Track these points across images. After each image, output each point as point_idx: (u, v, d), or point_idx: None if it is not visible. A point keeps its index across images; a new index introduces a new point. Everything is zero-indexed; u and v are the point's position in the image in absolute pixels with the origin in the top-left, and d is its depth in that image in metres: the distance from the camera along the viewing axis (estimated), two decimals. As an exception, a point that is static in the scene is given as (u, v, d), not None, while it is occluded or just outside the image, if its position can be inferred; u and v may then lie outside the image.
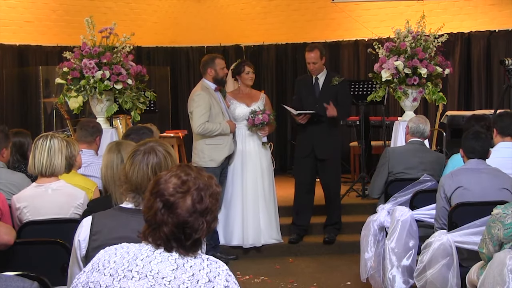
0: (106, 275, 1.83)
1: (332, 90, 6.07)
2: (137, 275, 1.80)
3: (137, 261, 1.82)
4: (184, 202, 1.83)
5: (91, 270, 1.87)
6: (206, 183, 1.89)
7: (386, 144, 7.40)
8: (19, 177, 3.99)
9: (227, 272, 1.85)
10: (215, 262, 1.86)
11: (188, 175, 1.87)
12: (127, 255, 1.85)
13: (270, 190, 6.11)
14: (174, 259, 1.82)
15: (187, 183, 1.85)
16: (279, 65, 10.26)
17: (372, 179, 5.35)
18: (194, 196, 1.84)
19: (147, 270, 1.80)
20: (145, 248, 1.86)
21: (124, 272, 1.81)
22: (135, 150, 2.49)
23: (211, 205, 1.87)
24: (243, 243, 5.99)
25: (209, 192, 1.87)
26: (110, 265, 1.84)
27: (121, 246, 1.91)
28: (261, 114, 5.93)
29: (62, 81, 6.04)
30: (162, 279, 1.78)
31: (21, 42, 9.38)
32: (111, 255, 1.87)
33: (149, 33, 9.96)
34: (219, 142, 5.75)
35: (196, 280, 1.79)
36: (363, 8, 9.65)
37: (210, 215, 1.87)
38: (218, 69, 5.78)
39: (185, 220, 1.82)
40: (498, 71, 8.77)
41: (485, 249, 3.26)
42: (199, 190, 1.85)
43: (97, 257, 1.91)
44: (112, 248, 1.91)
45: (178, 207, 1.82)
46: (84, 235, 2.42)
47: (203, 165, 5.61)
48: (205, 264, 1.84)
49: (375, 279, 4.67)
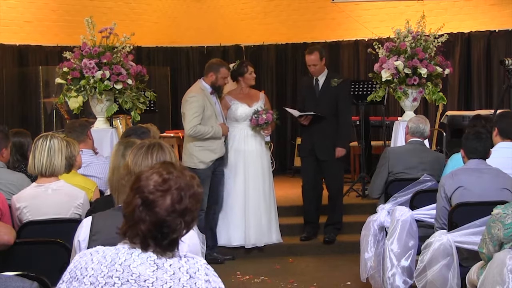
0: (86, 284, 1.79)
1: (332, 91, 6.08)
2: (118, 280, 1.77)
3: (116, 266, 1.79)
4: (163, 201, 1.80)
5: (70, 280, 1.84)
6: (188, 183, 1.85)
7: (386, 144, 7.41)
8: (19, 177, 3.99)
9: (205, 266, 1.84)
10: (192, 258, 1.85)
11: (170, 173, 1.84)
12: (104, 261, 1.81)
13: (270, 190, 6.12)
14: (153, 260, 1.80)
15: (168, 182, 1.82)
16: (279, 65, 10.26)
17: (372, 179, 5.35)
18: (174, 195, 1.81)
19: (128, 275, 1.77)
20: (122, 251, 1.82)
21: (105, 279, 1.78)
22: (140, 143, 2.49)
23: (191, 206, 1.84)
24: (245, 243, 5.99)
25: (189, 192, 1.84)
26: (89, 272, 1.80)
27: (96, 251, 1.86)
28: (265, 113, 5.92)
29: (62, 81, 6.03)
30: (145, 282, 1.76)
31: (21, 42, 9.38)
32: (88, 262, 1.83)
33: (149, 33, 9.96)
34: (209, 145, 5.73)
35: (178, 278, 1.78)
36: (363, 8, 9.65)
37: (189, 216, 1.84)
38: (219, 77, 5.77)
39: (163, 219, 1.79)
40: (498, 71, 8.76)
41: (485, 249, 3.25)
42: (179, 189, 1.82)
43: (73, 264, 1.87)
44: (87, 253, 1.87)
45: (157, 205, 1.80)
46: (84, 235, 2.41)
47: (192, 166, 5.58)
48: (183, 261, 1.82)
49: (375, 279, 4.67)
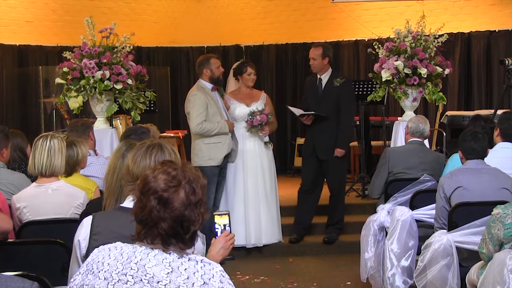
0: (100, 278, 1.81)
1: (334, 91, 6.07)
2: (131, 279, 1.78)
3: (131, 264, 1.80)
4: (178, 196, 1.83)
5: (86, 272, 1.86)
6: (195, 175, 1.89)
7: (386, 144, 7.40)
8: (19, 177, 3.99)
9: (221, 273, 1.85)
10: (209, 263, 1.85)
11: (175, 169, 1.87)
12: (121, 257, 1.83)
13: (272, 189, 6.12)
14: (169, 262, 1.81)
15: (177, 177, 1.85)
16: (279, 65, 10.26)
17: (372, 179, 5.35)
18: (186, 189, 1.84)
19: (142, 274, 1.78)
20: (139, 250, 1.84)
21: (119, 276, 1.80)
22: (141, 143, 2.50)
23: (203, 196, 1.88)
24: (246, 243, 5.99)
25: (199, 183, 1.88)
26: (104, 267, 1.83)
27: (114, 246, 1.88)
28: (259, 115, 5.93)
29: (62, 81, 6.03)
30: (158, 283, 1.77)
31: (21, 42, 9.38)
32: (105, 257, 1.86)
33: (149, 33, 9.96)
34: (218, 141, 5.75)
35: (192, 283, 1.78)
36: (363, 8, 9.65)
37: (203, 207, 1.87)
38: (213, 69, 5.80)
39: (182, 213, 1.82)
40: (498, 71, 8.76)
41: (485, 249, 3.25)
42: (190, 182, 1.86)
43: (91, 257, 1.89)
44: (106, 248, 1.89)
45: (173, 201, 1.82)
46: (84, 235, 2.41)
47: (202, 164, 5.61)
48: (199, 267, 1.82)
49: (375, 279, 4.67)
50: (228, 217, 2.57)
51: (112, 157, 2.84)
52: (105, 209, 2.61)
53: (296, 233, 6.24)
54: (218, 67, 5.84)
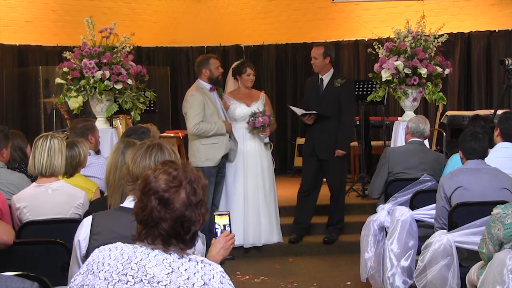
0: (100, 279, 1.81)
1: (335, 91, 6.07)
2: (132, 279, 1.79)
3: (132, 265, 1.80)
4: (178, 196, 1.83)
5: (86, 272, 1.86)
6: (196, 175, 1.89)
7: (386, 144, 7.41)
8: (19, 177, 3.99)
9: (221, 274, 1.85)
10: (209, 264, 1.85)
11: (176, 170, 1.87)
12: (121, 258, 1.83)
13: (271, 190, 6.12)
14: (169, 263, 1.81)
15: (177, 178, 1.85)
16: (279, 65, 10.26)
17: (372, 179, 5.34)
18: (187, 189, 1.84)
19: (142, 274, 1.78)
20: (139, 250, 1.84)
21: (119, 276, 1.80)
22: (141, 143, 2.50)
23: (203, 197, 1.88)
24: (244, 243, 5.99)
25: (200, 184, 1.88)
26: (105, 267, 1.83)
27: (115, 247, 1.89)
28: (261, 116, 5.93)
29: (62, 81, 6.03)
30: (158, 283, 1.77)
31: (21, 42, 9.38)
32: (105, 257, 1.86)
33: (149, 33, 9.96)
34: (215, 141, 5.75)
35: (192, 283, 1.78)
36: (363, 8, 9.65)
37: (203, 207, 1.88)
38: (213, 69, 5.81)
39: (182, 214, 1.82)
40: (498, 71, 8.76)
41: (485, 249, 3.25)
42: (191, 182, 1.86)
43: (91, 257, 1.90)
44: (106, 248, 1.89)
45: (174, 201, 1.82)
46: (85, 235, 2.42)
47: (199, 165, 5.60)
48: (199, 267, 1.82)
49: (375, 279, 4.67)
50: (228, 217, 2.57)
51: (111, 155, 2.85)
52: (111, 207, 2.62)
53: (295, 233, 6.24)
54: (217, 67, 5.84)
